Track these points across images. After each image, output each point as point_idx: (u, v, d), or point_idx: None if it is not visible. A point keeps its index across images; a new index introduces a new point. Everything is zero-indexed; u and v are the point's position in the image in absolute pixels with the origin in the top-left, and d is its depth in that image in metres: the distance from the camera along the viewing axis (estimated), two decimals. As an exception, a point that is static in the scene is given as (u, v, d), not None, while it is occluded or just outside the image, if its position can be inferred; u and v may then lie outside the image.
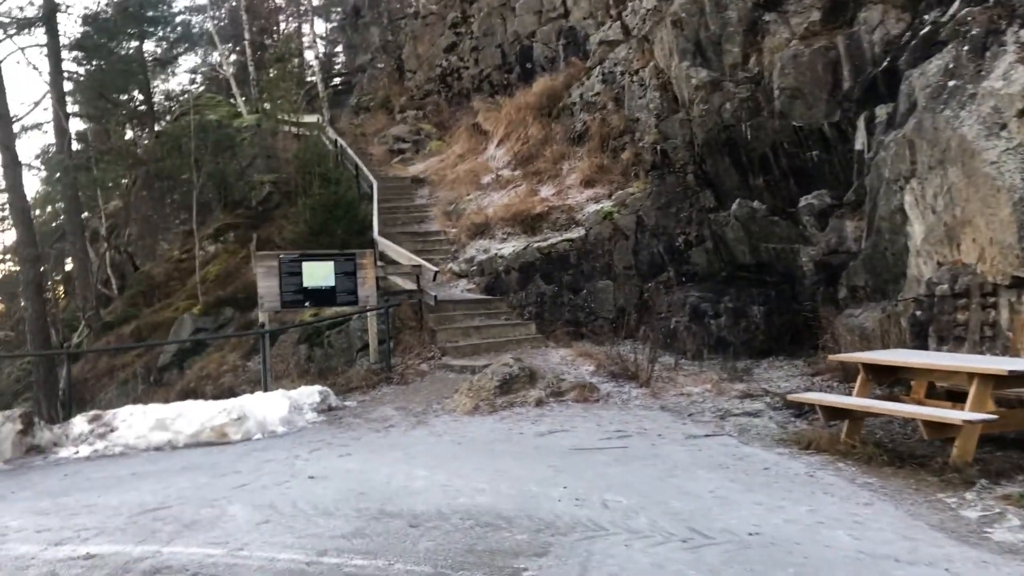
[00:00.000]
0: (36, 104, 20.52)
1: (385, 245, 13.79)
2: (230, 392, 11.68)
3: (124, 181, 21.79)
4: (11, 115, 16.33)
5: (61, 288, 30.10)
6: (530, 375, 9.59)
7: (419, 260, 12.95)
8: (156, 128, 23.67)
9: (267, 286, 11.34)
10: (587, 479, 6.09)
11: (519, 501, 5.57)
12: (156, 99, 28.25)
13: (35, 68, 18.67)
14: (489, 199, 17.19)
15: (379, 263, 12.82)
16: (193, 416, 8.81)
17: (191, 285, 17.42)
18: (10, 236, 33.62)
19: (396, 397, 10.41)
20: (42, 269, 17.77)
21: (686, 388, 9.56)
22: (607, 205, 14.44)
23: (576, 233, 14.29)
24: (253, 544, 4.98)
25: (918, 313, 9.06)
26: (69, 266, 30.24)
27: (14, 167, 16.10)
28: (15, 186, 16.01)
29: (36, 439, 8.89)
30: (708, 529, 4.91)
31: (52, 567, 4.78)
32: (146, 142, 25.18)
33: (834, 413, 7.03)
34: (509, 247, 14.77)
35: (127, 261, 22.23)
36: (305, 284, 11.44)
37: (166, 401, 11.52)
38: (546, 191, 16.16)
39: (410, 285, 12.93)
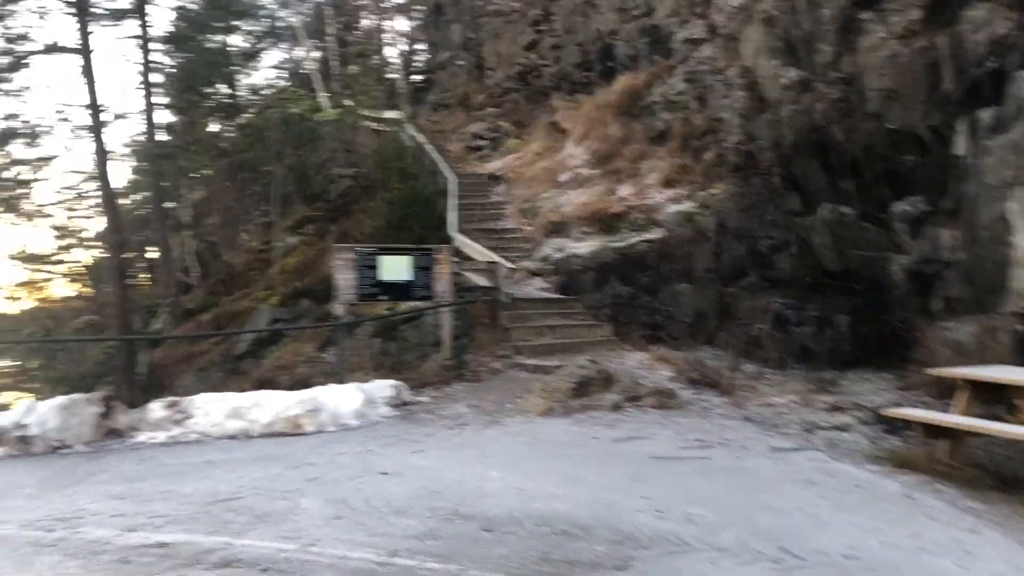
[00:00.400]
0: (125, 94, 20.85)
1: (461, 241, 13.68)
2: (305, 383, 11.69)
3: (207, 172, 22.20)
4: (100, 104, 16.77)
5: (144, 275, 30.91)
6: (606, 378, 9.33)
7: (494, 256, 12.80)
8: (240, 121, 24.05)
9: (344, 278, 11.33)
10: (668, 489, 5.82)
11: (596, 509, 5.34)
12: (240, 93, 28.80)
13: (126, 58, 19.10)
14: (566, 197, 16.95)
15: (455, 259, 12.71)
16: (268, 406, 8.80)
17: (270, 276, 17.60)
18: (100, 223, 34.55)
19: (469, 394, 10.26)
20: (126, 256, 18.12)
21: (770, 398, 9.19)
22: (688, 206, 14.06)
23: (655, 234, 13.96)
24: (325, 540, 4.87)
25: (1021, 328, 8.52)
26: (152, 254, 31.07)
27: (102, 155, 16.52)
28: (103, 174, 16.41)
29: (115, 423, 9.00)
30: (800, 549, 4.61)
31: (124, 554, 4.74)
32: (230, 134, 25.63)
33: (934, 431, 6.61)
34: (585, 246, 14.52)
35: (208, 250, 22.65)
36: (381, 278, 11.39)
37: (242, 390, 11.60)
38: (625, 190, 15.85)
39: (485, 282, 12.79)
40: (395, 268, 11.42)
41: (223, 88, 26.37)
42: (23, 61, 17.47)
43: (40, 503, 6.02)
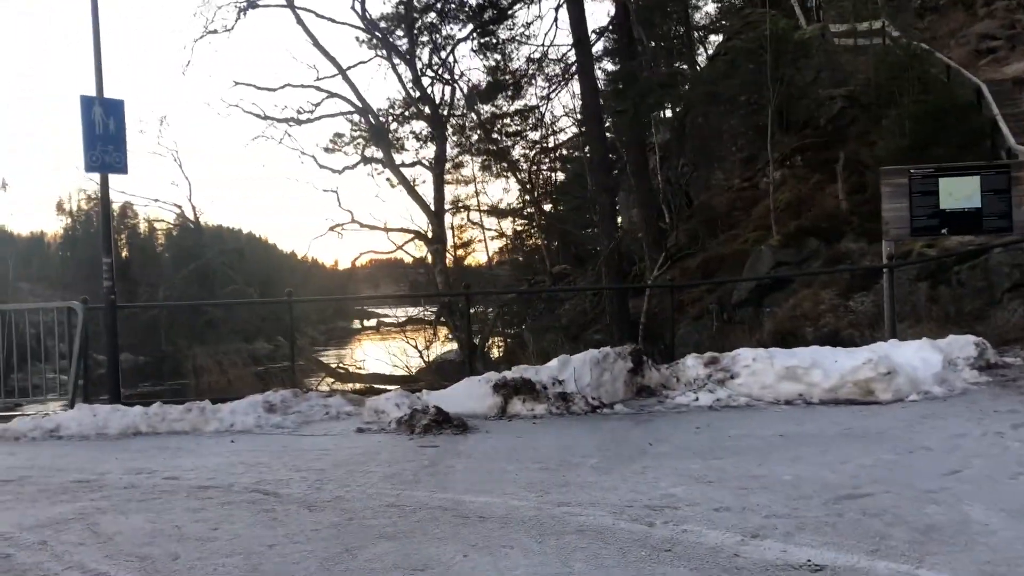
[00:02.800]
0: (608, 27, 20.22)
1: (1031, 156, 10.94)
2: (833, 337, 10.11)
3: (678, 109, 21.29)
4: (588, 39, 16.46)
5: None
6: None
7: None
8: (706, 52, 22.81)
9: (894, 208, 9.37)
10: None
11: None
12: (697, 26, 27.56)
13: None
14: None
15: None
16: (829, 367, 7.34)
17: (758, 215, 16.19)
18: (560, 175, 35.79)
19: (1086, 356, 7.84)
20: (609, 200, 17.75)
21: None
22: None
23: None
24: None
25: None
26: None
27: (592, 94, 16.21)
28: (594, 113, 16.01)
29: (646, 379, 8.24)
30: None
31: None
32: (683, 72, 24.51)
33: None
34: None
35: (679, 193, 21.82)
36: (942, 206, 9.25)
37: (759, 343, 10.40)
38: None
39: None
40: (960, 193, 9.20)
41: (677, 27, 25.31)
42: (507, 12, 18.01)
43: (614, 481, 5.19)
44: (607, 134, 20.94)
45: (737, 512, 4.42)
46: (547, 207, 37.46)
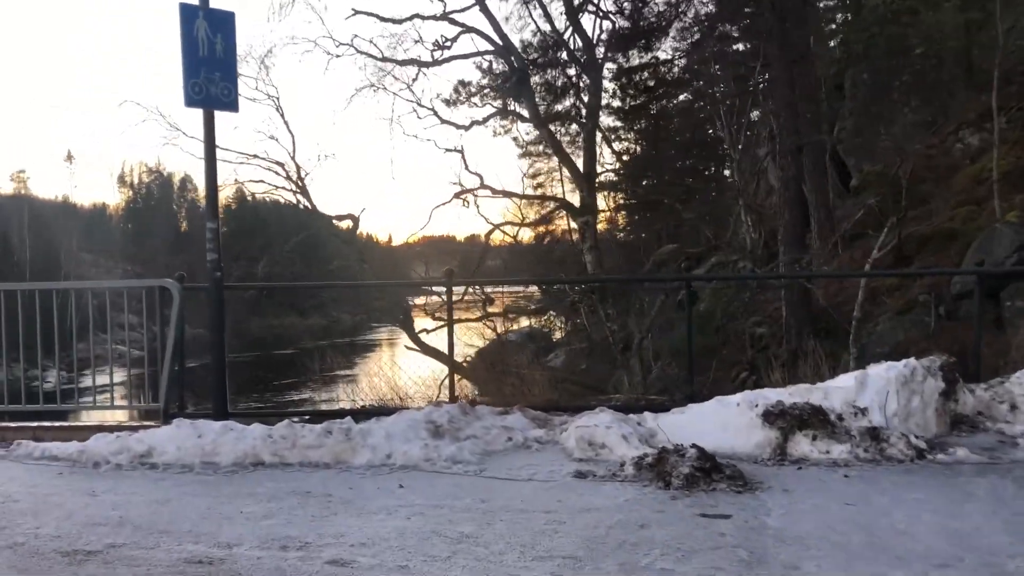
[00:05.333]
0: None
1: None
2: None
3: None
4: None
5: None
6: None
7: None
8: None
9: None
10: None
11: None
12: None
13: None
14: None
15: None
16: None
17: (960, 187, 13.66)
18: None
19: None
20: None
21: None
22: None
23: None
24: None
25: None
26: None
27: (780, 25, 13.54)
28: (783, 55, 13.43)
29: (959, 405, 6.01)
30: None
31: None
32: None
33: None
34: None
35: (829, 160, 19.08)
36: None
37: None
38: None
39: None
40: None
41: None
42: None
43: None
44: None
45: None
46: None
